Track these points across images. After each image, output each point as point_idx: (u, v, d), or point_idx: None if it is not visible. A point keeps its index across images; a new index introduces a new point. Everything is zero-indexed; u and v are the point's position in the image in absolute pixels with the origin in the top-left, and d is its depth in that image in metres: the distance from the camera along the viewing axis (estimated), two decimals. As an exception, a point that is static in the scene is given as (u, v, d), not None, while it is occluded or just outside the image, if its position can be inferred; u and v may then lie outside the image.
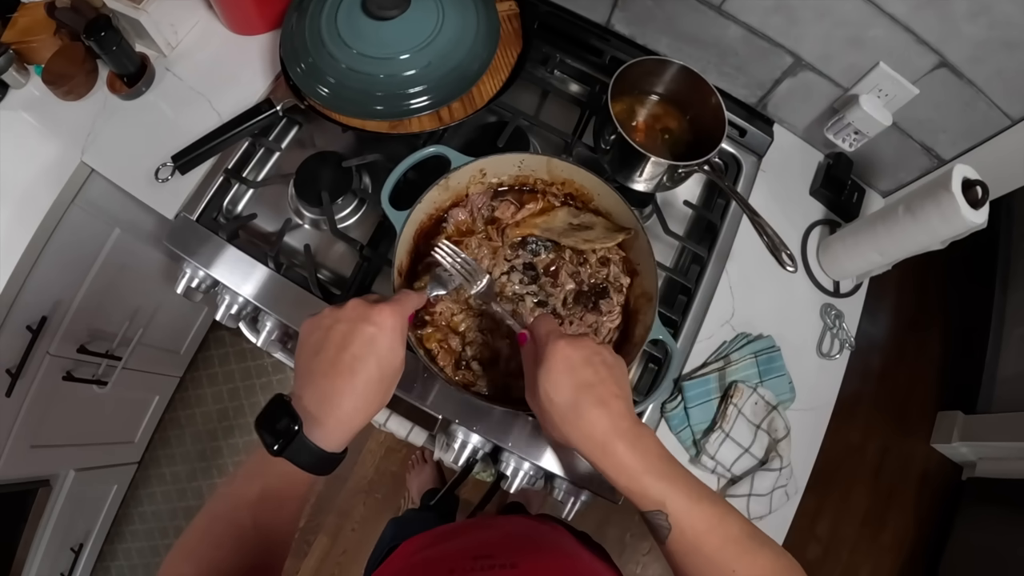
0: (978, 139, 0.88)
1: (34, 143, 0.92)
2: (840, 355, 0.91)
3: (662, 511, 0.46)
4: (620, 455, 0.46)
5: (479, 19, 0.78)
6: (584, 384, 0.48)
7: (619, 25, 0.95)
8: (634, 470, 0.46)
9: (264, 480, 0.46)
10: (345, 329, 0.47)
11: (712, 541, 0.46)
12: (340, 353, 0.46)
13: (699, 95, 0.78)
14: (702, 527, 0.46)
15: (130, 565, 1.63)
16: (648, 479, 0.46)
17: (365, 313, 0.48)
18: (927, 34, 0.78)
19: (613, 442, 0.47)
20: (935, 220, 0.77)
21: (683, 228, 0.91)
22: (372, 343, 0.47)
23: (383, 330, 0.47)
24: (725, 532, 0.46)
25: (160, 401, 1.58)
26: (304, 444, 0.45)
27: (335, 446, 0.47)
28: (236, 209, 0.89)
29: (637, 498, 0.47)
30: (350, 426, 0.47)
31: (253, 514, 0.45)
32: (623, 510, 1.31)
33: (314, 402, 0.46)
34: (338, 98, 0.77)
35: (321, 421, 0.45)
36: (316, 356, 0.47)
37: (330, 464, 0.47)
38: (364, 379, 0.46)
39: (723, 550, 0.46)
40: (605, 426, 0.47)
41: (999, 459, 1.60)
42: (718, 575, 0.46)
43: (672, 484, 0.46)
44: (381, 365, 0.47)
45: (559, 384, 0.48)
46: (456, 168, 0.66)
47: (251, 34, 0.96)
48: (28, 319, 1.03)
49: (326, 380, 0.46)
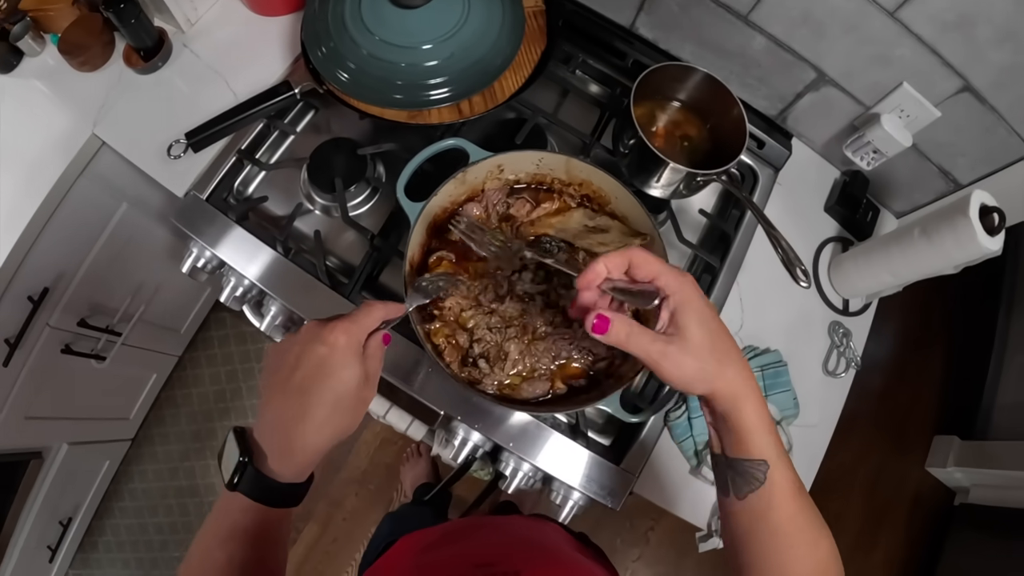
0: (996, 165, 0.88)
1: (45, 112, 0.91)
2: (846, 374, 0.91)
3: (767, 462, 0.44)
4: (756, 401, 0.44)
5: (504, 14, 0.77)
6: (723, 332, 0.44)
7: (643, 29, 0.94)
8: (764, 426, 0.44)
9: (231, 516, 0.44)
10: (297, 352, 0.44)
11: (786, 510, 0.44)
12: (290, 376, 0.44)
13: (722, 104, 0.78)
14: (784, 494, 0.44)
15: (117, 542, 1.62)
16: (768, 435, 0.44)
17: (317, 333, 0.45)
18: (952, 57, 0.77)
19: (752, 387, 0.44)
20: (950, 245, 0.77)
21: (696, 236, 0.90)
22: (322, 364, 0.44)
23: (334, 349, 0.44)
24: (799, 504, 0.45)
25: (157, 379, 1.58)
26: (255, 476, 0.43)
27: (291, 476, 0.44)
28: (247, 191, 0.88)
29: (746, 447, 0.44)
30: (304, 454, 0.44)
31: (226, 553, 0.43)
32: (614, 515, 1.31)
33: (265, 431, 0.44)
34: (358, 84, 0.76)
35: (271, 450, 0.43)
36: (268, 380, 0.45)
37: (290, 496, 0.45)
38: (315, 402, 0.43)
39: (791, 521, 0.45)
40: (744, 367, 0.44)
41: (993, 487, 1.59)
42: (778, 546, 0.45)
43: (777, 441, 0.45)
44: (334, 388, 0.44)
45: (716, 332, 0.43)
46: (474, 162, 0.65)
47: (271, 15, 0.95)
48: (30, 289, 1.02)
49: (276, 407, 0.44)
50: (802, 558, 0.45)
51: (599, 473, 0.75)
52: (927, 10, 0.73)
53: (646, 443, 0.78)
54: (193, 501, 1.64)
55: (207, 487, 1.64)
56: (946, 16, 0.72)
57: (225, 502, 0.44)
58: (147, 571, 1.61)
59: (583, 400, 0.64)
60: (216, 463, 0.44)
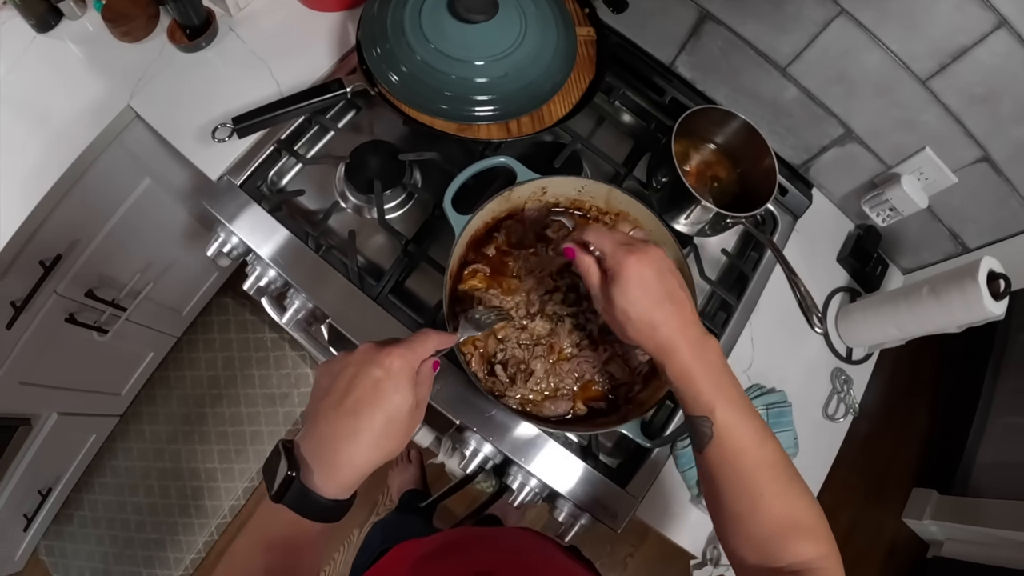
0: (1004, 234, 0.92)
1: (79, 78, 0.90)
2: (844, 419, 0.93)
3: (709, 418, 0.48)
4: (682, 358, 0.50)
5: (559, 40, 0.79)
6: (657, 298, 0.51)
7: (683, 68, 0.97)
8: (693, 373, 0.49)
9: (273, 528, 0.45)
10: (352, 373, 0.46)
11: (747, 460, 0.48)
12: (344, 397, 0.45)
13: (755, 152, 0.81)
14: (741, 444, 0.48)
15: (94, 517, 1.59)
16: (704, 384, 0.49)
17: (373, 356, 0.46)
18: (975, 128, 0.81)
19: (679, 345, 0.50)
20: (957, 305, 0.80)
21: (716, 274, 0.93)
22: (376, 387, 0.45)
23: (389, 373, 0.45)
24: (762, 456, 0.49)
25: (154, 358, 1.56)
26: (302, 491, 0.43)
27: (336, 492, 0.45)
28: (281, 182, 0.89)
29: (689, 401, 0.50)
30: (350, 473, 0.45)
31: (265, 562, 0.44)
32: (596, 538, 1.30)
33: (312, 447, 0.45)
34: (407, 89, 0.77)
35: (318, 467, 0.44)
36: (321, 400, 0.46)
37: (334, 512, 0.45)
38: (367, 424, 0.44)
39: (755, 472, 0.48)
40: (674, 331, 0.50)
41: (966, 541, 1.63)
42: (746, 494, 0.48)
43: (724, 395, 0.49)
44: (386, 410, 0.45)
45: (634, 299, 0.50)
46: (521, 182, 0.67)
47: (323, 10, 0.96)
48: (43, 254, 1.01)
49: (327, 424, 0.45)
50: (770, 505, 0.48)
51: (605, 494, 0.76)
52: (958, 82, 0.77)
53: (652, 468, 0.79)
54: (176, 484, 1.61)
55: (191, 472, 1.62)
56: (975, 90, 0.76)
57: (269, 513, 0.45)
58: (121, 549, 1.57)
59: (602, 423, 0.66)
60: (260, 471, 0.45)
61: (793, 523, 0.47)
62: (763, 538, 0.47)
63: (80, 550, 1.58)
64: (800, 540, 0.47)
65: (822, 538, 0.47)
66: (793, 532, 0.47)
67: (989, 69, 0.73)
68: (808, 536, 0.47)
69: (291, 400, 1.67)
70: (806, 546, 0.47)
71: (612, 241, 0.53)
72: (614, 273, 0.51)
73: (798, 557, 0.46)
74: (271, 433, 1.64)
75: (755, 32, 0.85)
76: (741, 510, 0.48)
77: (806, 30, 0.81)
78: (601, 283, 0.53)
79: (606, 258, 0.52)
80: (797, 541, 0.47)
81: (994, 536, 1.52)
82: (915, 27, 0.74)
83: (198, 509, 1.60)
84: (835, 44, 0.80)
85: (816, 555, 0.46)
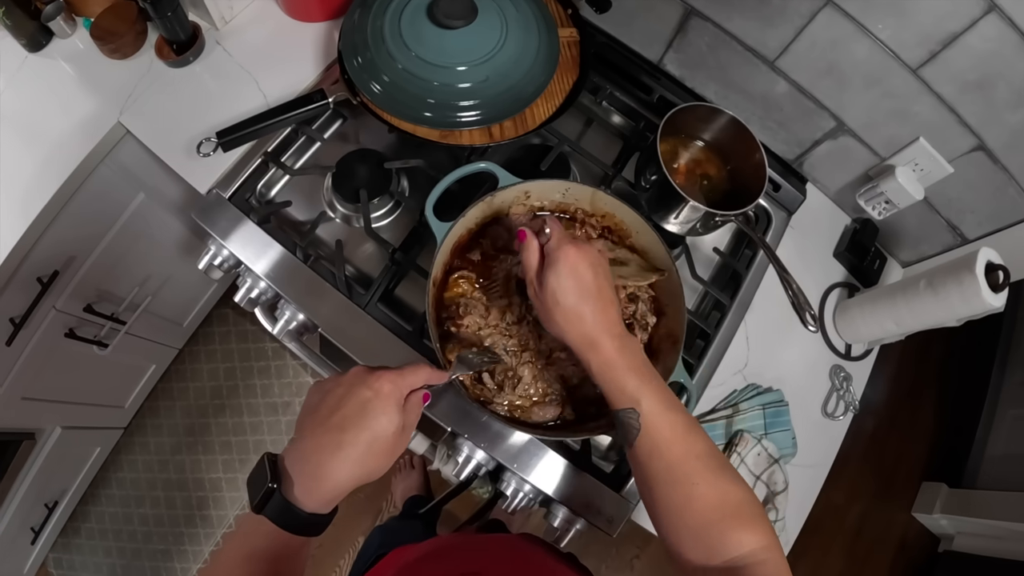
0: (1003, 223, 0.90)
1: (71, 95, 0.91)
2: (844, 417, 0.92)
3: (635, 409, 0.50)
4: (606, 350, 0.51)
5: (540, 42, 0.79)
6: (587, 291, 0.52)
7: (670, 65, 0.96)
8: (617, 366, 0.51)
9: (254, 539, 0.45)
10: (342, 392, 0.47)
11: (676, 450, 0.49)
12: (331, 414, 0.46)
13: (744, 148, 0.80)
14: (669, 434, 0.50)
15: (100, 529, 1.60)
16: (628, 376, 0.51)
17: (364, 378, 0.48)
18: (970, 117, 0.80)
19: (603, 338, 0.52)
20: (955, 298, 0.79)
21: (709, 273, 0.92)
22: (364, 406, 0.46)
23: (378, 396, 0.47)
24: (690, 446, 0.49)
25: (156, 370, 1.57)
26: (282, 503, 0.44)
27: (316, 507, 0.45)
28: (269, 193, 0.89)
29: (615, 394, 0.51)
30: (331, 487, 0.45)
31: (247, 572, 0.45)
32: (601, 541, 1.30)
33: (295, 460, 0.45)
34: (390, 98, 0.77)
35: (300, 480, 0.45)
36: (309, 416, 0.48)
37: (313, 526, 0.46)
38: (351, 440, 0.45)
39: (686, 462, 0.49)
40: (600, 325, 0.52)
41: (977, 535, 1.61)
42: (679, 485, 0.48)
43: (649, 387, 0.51)
44: (372, 429, 0.46)
45: (566, 287, 0.52)
46: (503, 187, 0.66)
47: (307, 21, 0.96)
48: (40, 271, 1.01)
49: (312, 438, 0.46)
50: (704, 494, 0.48)
51: (599, 499, 0.75)
52: (949, 69, 0.75)
53: (647, 473, 0.78)
54: (181, 495, 1.62)
55: (196, 482, 1.63)
56: (968, 76, 0.75)
57: (250, 524, 0.45)
58: (128, 561, 1.59)
59: (592, 428, 0.65)
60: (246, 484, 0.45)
61: (731, 511, 0.47)
62: (701, 528, 0.47)
63: (88, 562, 1.59)
64: (740, 529, 0.46)
65: (761, 528, 0.47)
66: (731, 520, 0.47)
67: (981, 55, 0.71)
68: (747, 525, 0.47)
69: (293, 409, 1.67)
70: (747, 536, 0.46)
71: (561, 232, 0.55)
72: (552, 258, 0.53)
73: (740, 549, 0.45)
74: (274, 442, 1.65)
75: (741, 27, 0.84)
76: (676, 501, 0.48)
77: (792, 23, 0.80)
78: (538, 267, 0.55)
79: (549, 244, 0.54)
80: (736, 530, 0.46)
81: (1006, 529, 1.50)
82: (903, 15, 0.72)
83: (204, 519, 1.62)
84: (823, 36, 0.79)
85: (758, 546, 0.46)
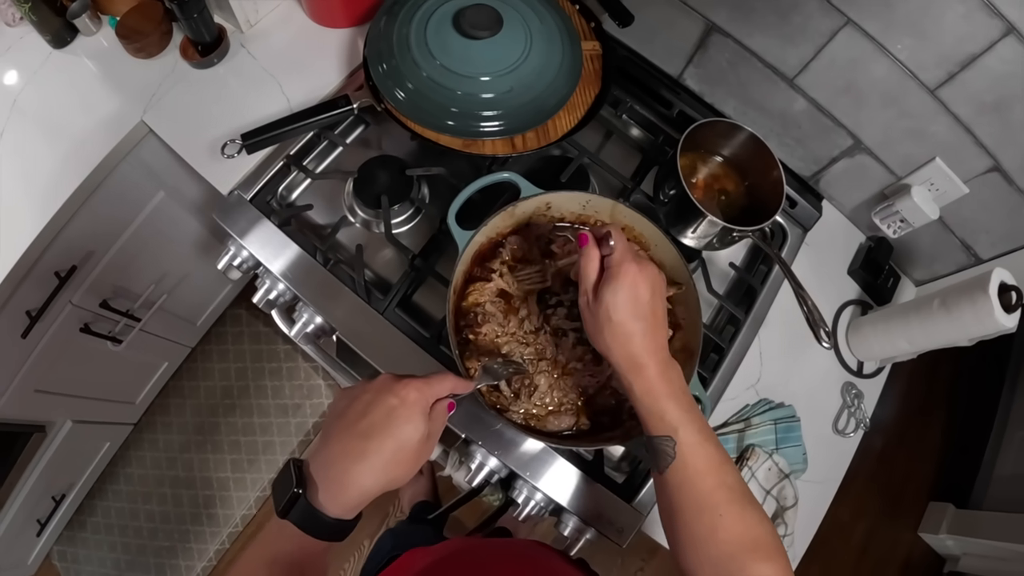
0: (1017, 244, 0.90)
1: (94, 93, 0.93)
2: (854, 434, 0.92)
3: (672, 438, 0.50)
4: (650, 375, 0.51)
5: (564, 54, 0.80)
6: (642, 313, 0.52)
7: (690, 80, 0.97)
8: (659, 392, 0.51)
9: (278, 543, 0.46)
10: (369, 399, 0.47)
11: (708, 481, 0.50)
12: (358, 420, 0.47)
13: (762, 165, 0.80)
14: (703, 465, 0.50)
15: (106, 524, 1.61)
16: (669, 404, 0.51)
17: (391, 386, 0.48)
18: (986, 138, 0.80)
19: (649, 362, 0.52)
20: (968, 318, 0.79)
21: (724, 288, 0.92)
22: (390, 414, 0.47)
23: (404, 403, 0.47)
24: (722, 478, 0.50)
25: (168, 368, 1.58)
26: (307, 508, 0.44)
27: (340, 512, 0.45)
28: (291, 196, 0.90)
29: (654, 420, 0.51)
30: (356, 493, 0.46)
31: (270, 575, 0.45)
32: (606, 552, 1.29)
33: (321, 466, 0.46)
34: (414, 105, 0.78)
35: (324, 485, 0.45)
36: (335, 421, 0.48)
37: (337, 531, 0.46)
38: (376, 447, 0.46)
39: (715, 493, 0.49)
40: (648, 348, 0.52)
41: (983, 556, 1.60)
42: (705, 515, 0.49)
43: (688, 417, 0.51)
44: (397, 437, 0.46)
45: (621, 305, 0.52)
46: (524, 198, 0.67)
47: (332, 27, 0.98)
48: (58, 266, 1.03)
49: (338, 444, 0.46)
50: (729, 526, 0.48)
51: (610, 509, 0.76)
52: (967, 91, 0.76)
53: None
54: (188, 493, 1.62)
55: (203, 481, 1.63)
56: (985, 97, 0.75)
57: (276, 528, 0.46)
58: (133, 556, 1.59)
59: (606, 438, 0.66)
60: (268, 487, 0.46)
61: (752, 544, 0.48)
62: (722, 559, 0.48)
63: (92, 556, 1.60)
64: (759, 561, 0.47)
65: (779, 558, 0.48)
66: (752, 553, 0.47)
67: (998, 77, 0.72)
68: (766, 557, 0.47)
69: (303, 411, 1.68)
70: (765, 567, 0.47)
71: (626, 246, 0.54)
72: (612, 273, 0.53)
73: None
74: (283, 444, 1.66)
75: (762, 44, 0.85)
76: (700, 531, 0.49)
77: (813, 41, 0.81)
78: (596, 278, 0.54)
79: (612, 258, 0.54)
80: (756, 562, 0.47)
81: (1012, 551, 1.49)
82: (922, 36, 0.73)
83: (210, 518, 1.62)
84: (842, 55, 0.80)
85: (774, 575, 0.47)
